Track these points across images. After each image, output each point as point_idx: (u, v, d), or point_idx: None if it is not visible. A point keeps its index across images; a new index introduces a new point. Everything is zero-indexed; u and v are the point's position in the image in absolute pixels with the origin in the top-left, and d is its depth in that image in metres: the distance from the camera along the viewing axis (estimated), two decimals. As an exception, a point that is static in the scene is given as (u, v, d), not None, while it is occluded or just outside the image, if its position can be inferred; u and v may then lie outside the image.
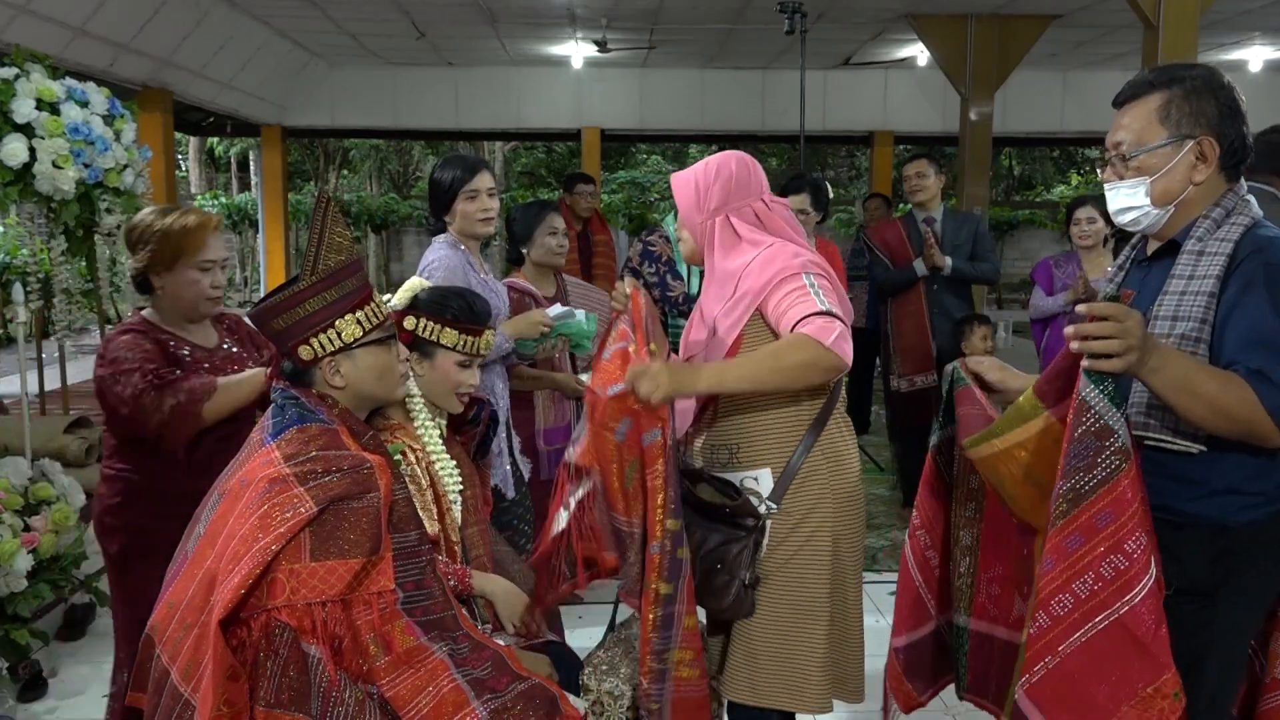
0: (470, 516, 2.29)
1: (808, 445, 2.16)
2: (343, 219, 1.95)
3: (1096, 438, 1.67)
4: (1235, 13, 8.55)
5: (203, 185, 22.22)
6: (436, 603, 1.84)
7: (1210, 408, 1.67)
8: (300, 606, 1.69)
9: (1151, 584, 1.68)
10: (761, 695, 2.15)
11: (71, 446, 4.23)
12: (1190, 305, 1.80)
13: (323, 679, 1.68)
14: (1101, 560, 1.68)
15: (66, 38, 7.11)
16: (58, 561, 3.40)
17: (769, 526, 2.15)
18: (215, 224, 2.46)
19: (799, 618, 2.15)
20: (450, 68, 12.00)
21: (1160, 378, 1.65)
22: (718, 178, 2.22)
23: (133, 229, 2.45)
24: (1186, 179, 1.85)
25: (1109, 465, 1.67)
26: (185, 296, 2.43)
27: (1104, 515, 1.68)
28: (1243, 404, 1.66)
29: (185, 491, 2.20)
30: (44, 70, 3.83)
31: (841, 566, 2.20)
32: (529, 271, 3.68)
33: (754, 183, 2.24)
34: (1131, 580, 1.67)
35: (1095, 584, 1.68)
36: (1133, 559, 1.67)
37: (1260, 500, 1.79)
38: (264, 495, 1.72)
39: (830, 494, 2.18)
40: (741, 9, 8.72)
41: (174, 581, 1.85)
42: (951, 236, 4.92)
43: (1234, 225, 1.82)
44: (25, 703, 3.22)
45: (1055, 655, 1.71)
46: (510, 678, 1.82)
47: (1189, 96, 1.84)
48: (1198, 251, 1.83)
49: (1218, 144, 1.83)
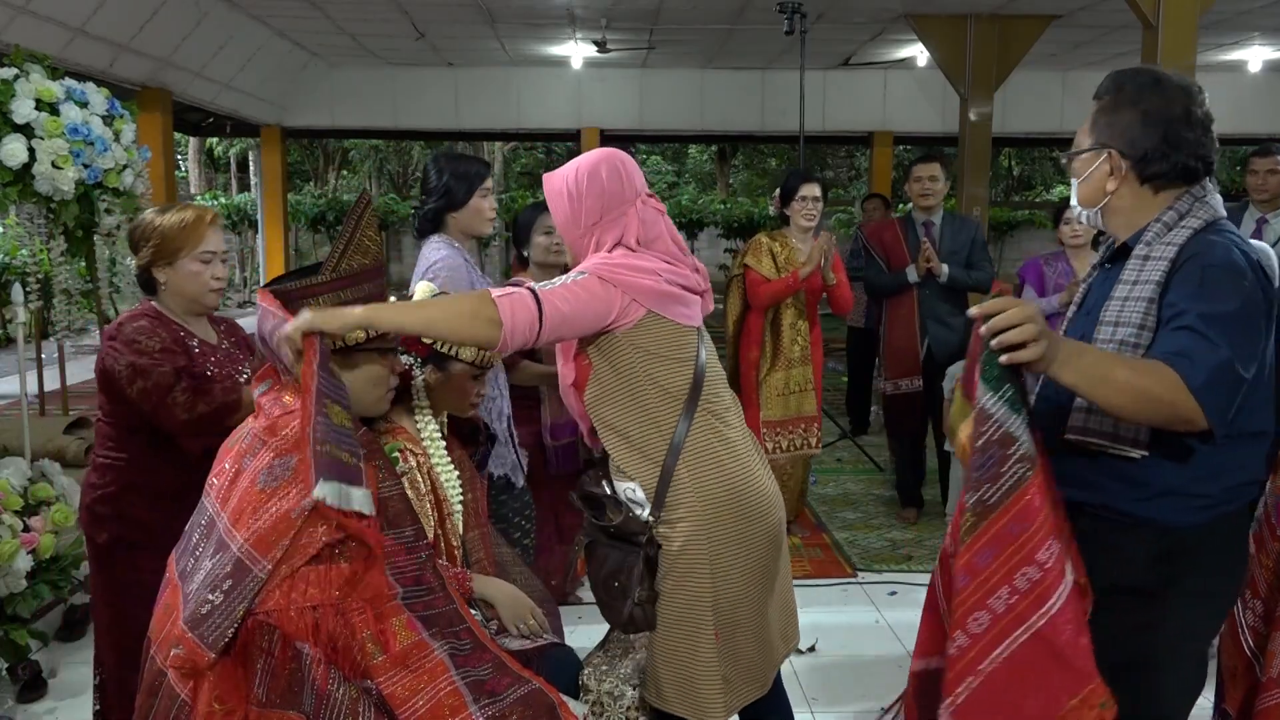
0: (471, 520, 2.29)
1: (673, 458, 2.07)
2: (376, 223, 1.95)
3: (1000, 446, 1.64)
4: (1235, 13, 8.56)
5: (202, 185, 22.22)
6: (437, 597, 1.84)
7: (1130, 394, 1.63)
8: (293, 611, 1.69)
9: (1068, 592, 1.64)
10: (665, 701, 2.12)
11: (71, 446, 4.23)
12: (1130, 311, 1.79)
13: (315, 677, 1.68)
14: (1015, 573, 1.63)
15: (66, 38, 7.11)
16: (57, 562, 3.40)
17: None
18: (212, 217, 2.51)
19: (683, 632, 2.08)
20: (450, 68, 12.00)
21: (1072, 370, 1.63)
22: (589, 190, 2.08)
23: (134, 229, 2.51)
24: (1101, 187, 1.86)
25: (1014, 474, 1.63)
26: (188, 289, 2.47)
27: (1013, 526, 1.63)
28: (1163, 385, 1.62)
29: (178, 484, 2.23)
30: (43, 70, 3.83)
31: (727, 579, 2.09)
32: (534, 272, 3.70)
33: (628, 187, 2.10)
34: (1046, 591, 1.63)
35: (1010, 598, 1.63)
36: (1046, 569, 1.63)
37: (1206, 503, 1.77)
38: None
39: (701, 505, 2.06)
40: (741, 9, 8.72)
41: (171, 584, 1.85)
42: (949, 242, 4.90)
43: (1183, 229, 1.80)
44: (25, 703, 3.22)
45: (977, 675, 1.66)
46: (510, 680, 1.82)
47: (1112, 107, 1.85)
48: (1144, 256, 1.81)
49: (1125, 158, 1.82)
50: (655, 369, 2.07)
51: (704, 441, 2.10)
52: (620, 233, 2.09)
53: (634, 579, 2.04)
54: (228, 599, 1.67)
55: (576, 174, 2.11)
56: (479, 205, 3.12)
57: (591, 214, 2.09)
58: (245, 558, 1.69)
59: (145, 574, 2.18)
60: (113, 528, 2.47)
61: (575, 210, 2.10)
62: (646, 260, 2.07)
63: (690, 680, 2.08)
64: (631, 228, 2.09)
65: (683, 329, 2.10)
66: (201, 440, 2.33)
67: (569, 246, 2.17)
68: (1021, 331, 1.58)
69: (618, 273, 2.02)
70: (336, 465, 1.63)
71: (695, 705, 2.08)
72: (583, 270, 2.04)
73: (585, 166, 2.11)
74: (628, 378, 2.08)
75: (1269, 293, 1.74)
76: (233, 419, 2.30)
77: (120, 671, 2.45)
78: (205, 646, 1.66)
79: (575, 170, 2.12)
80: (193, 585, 1.75)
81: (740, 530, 2.10)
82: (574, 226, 2.12)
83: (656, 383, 2.08)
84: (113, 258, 4.15)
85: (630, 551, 2.06)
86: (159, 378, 2.34)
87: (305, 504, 1.66)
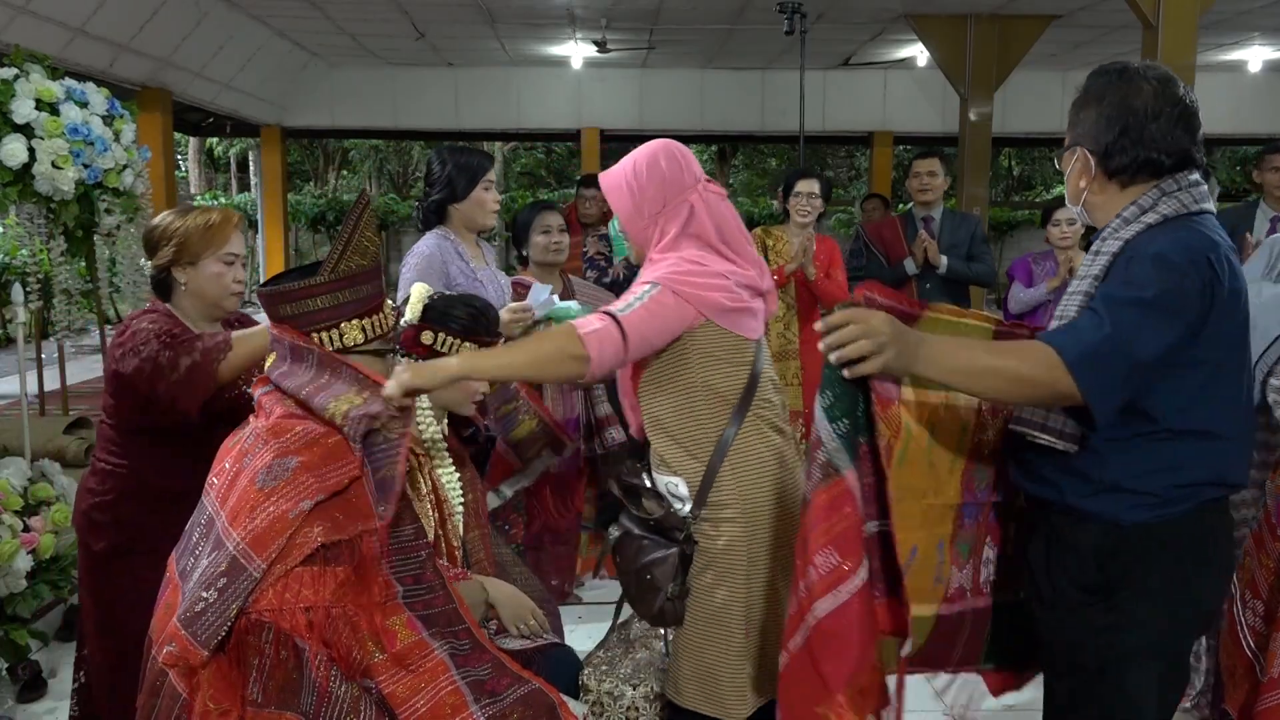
0: (472, 521, 2.29)
1: (718, 458, 2.09)
2: (375, 223, 1.95)
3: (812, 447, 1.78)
4: (1235, 13, 8.56)
5: (202, 185, 22.22)
6: (437, 596, 1.84)
7: (1001, 378, 1.67)
8: (286, 611, 1.70)
9: (816, 622, 1.77)
10: (685, 698, 2.13)
11: (71, 446, 4.22)
12: (1068, 304, 1.79)
13: (316, 675, 1.68)
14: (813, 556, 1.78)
15: (66, 38, 7.12)
16: (57, 562, 3.39)
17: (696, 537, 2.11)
18: (237, 220, 2.48)
19: (713, 630, 2.11)
20: (450, 68, 12.00)
21: (935, 367, 1.66)
22: (650, 180, 2.12)
23: (153, 230, 2.45)
24: (1076, 185, 1.87)
25: (818, 474, 1.77)
26: (210, 291, 2.43)
27: (815, 517, 1.77)
28: (1034, 364, 1.65)
29: (178, 490, 2.19)
30: (43, 70, 3.83)
31: (762, 581, 2.12)
32: (534, 272, 3.70)
33: (687, 175, 2.13)
34: (816, 596, 1.77)
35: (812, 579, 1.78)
36: (820, 573, 1.76)
37: (1152, 501, 1.74)
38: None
39: (744, 508, 2.09)
40: (741, 9, 8.72)
41: (171, 583, 1.85)
42: (949, 236, 4.92)
43: (1139, 224, 1.77)
44: (25, 703, 3.22)
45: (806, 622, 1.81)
46: (510, 680, 1.82)
47: (1079, 104, 1.86)
48: (1095, 251, 1.81)
49: (1091, 155, 1.82)
50: (711, 371, 2.10)
51: (751, 446, 2.12)
52: (683, 221, 2.11)
53: (667, 574, 2.06)
54: (221, 597, 1.67)
55: (635, 166, 2.13)
56: (481, 197, 3.12)
57: (654, 203, 2.11)
58: (240, 556, 1.69)
59: (140, 580, 2.16)
60: (110, 535, 2.43)
61: (638, 202, 2.12)
62: (714, 261, 2.09)
63: (715, 678, 2.09)
64: (695, 214, 2.11)
65: (744, 339, 2.12)
66: (194, 399, 2.25)
67: (633, 240, 2.18)
68: (857, 347, 1.62)
69: (688, 284, 2.03)
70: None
71: (719, 702, 2.10)
72: (654, 282, 2.03)
73: (643, 158, 2.13)
74: (683, 375, 2.10)
75: (1214, 289, 1.69)
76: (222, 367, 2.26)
77: (112, 676, 2.42)
78: (198, 644, 1.66)
79: (634, 163, 2.14)
80: (190, 583, 1.75)
81: (779, 536, 2.12)
82: (638, 219, 2.14)
83: (710, 385, 2.10)
84: (113, 258, 4.15)
85: (666, 546, 2.08)
86: (144, 349, 2.28)
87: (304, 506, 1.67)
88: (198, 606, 1.68)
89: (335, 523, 1.72)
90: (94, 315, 4.73)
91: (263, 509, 1.70)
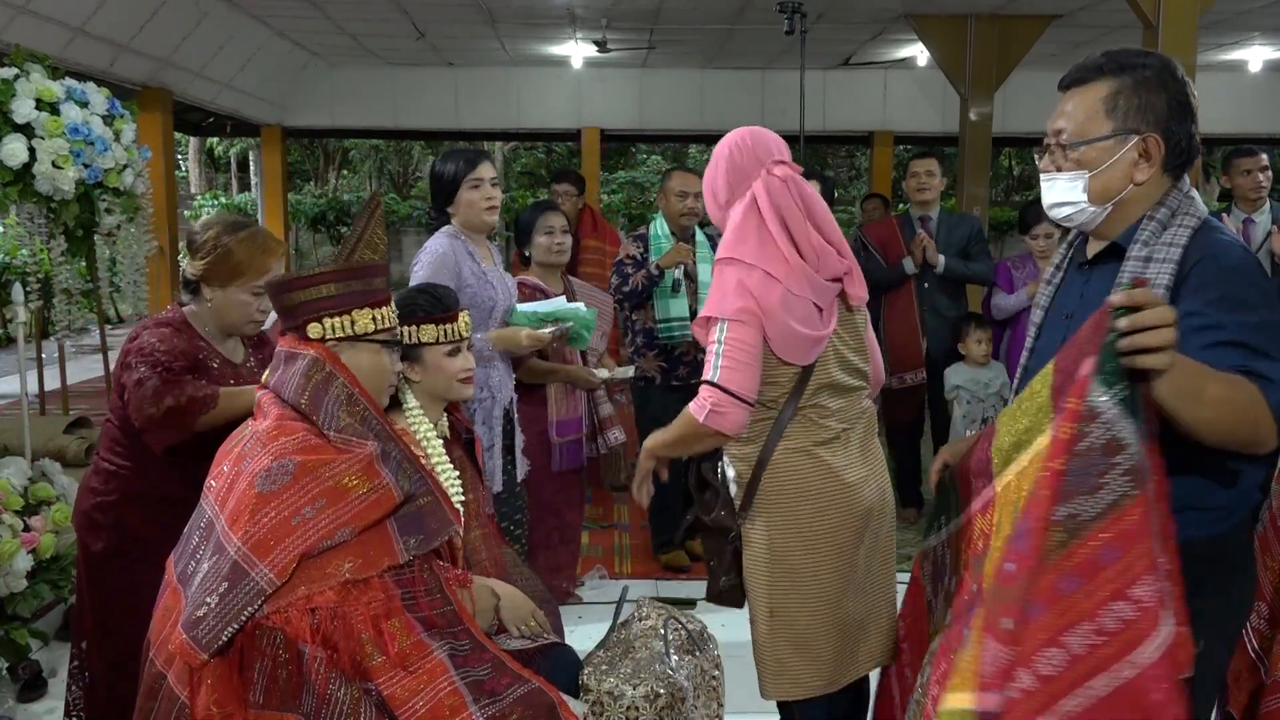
0: (473, 521, 2.29)
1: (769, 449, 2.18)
2: (384, 223, 2.01)
3: (1104, 453, 1.39)
4: (1235, 13, 8.57)
5: (203, 185, 22.22)
6: (436, 598, 1.84)
7: (1217, 413, 1.47)
8: (292, 613, 1.70)
9: (1166, 644, 1.34)
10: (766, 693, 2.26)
11: (71, 446, 4.22)
12: None
13: (316, 678, 1.68)
14: (1103, 607, 1.36)
15: (66, 38, 7.12)
16: (57, 561, 3.39)
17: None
18: (282, 253, 2.45)
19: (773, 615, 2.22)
20: (450, 68, 12.01)
21: (1169, 383, 1.42)
22: (722, 169, 2.25)
23: (198, 235, 2.41)
24: (1128, 177, 1.72)
25: (1117, 488, 1.37)
26: (231, 316, 2.42)
27: (1108, 551, 1.37)
28: (1252, 405, 1.49)
29: (179, 494, 2.18)
30: (44, 70, 3.83)
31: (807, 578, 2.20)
32: (536, 272, 3.70)
33: (750, 161, 2.23)
34: (1138, 635, 1.35)
35: (1095, 638, 1.36)
36: (1143, 608, 1.35)
37: (1220, 515, 1.67)
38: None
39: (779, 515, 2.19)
40: (741, 9, 8.72)
41: (170, 586, 1.85)
42: (947, 236, 4.92)
43: (1181, 228, 1.69)
44: (25, 703, 3.22)
45: None
46: (510, 679, 1.82)
47: (1139, 88, 1.70)
48: (1144, 257, 1.69)
49: (1164, 143, 1.70)
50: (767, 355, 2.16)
51: (789, 459, 2.19)
52: (746, 205, 2.20)
53: (723, 565, 2.26)
54: (223, 601, 1.67)
55: (715, 158, 2.28)
56: (469, 198, 3.06)
57: (723, 192, 2.26)
58: (242, 561, 1.69)
59: (138, 584, 2.16)
60: (109, 537, 2.42)
61: (714, 192, 2.29)
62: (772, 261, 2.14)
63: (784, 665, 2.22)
64: (757, 199, 2.19)
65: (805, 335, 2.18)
66: (164, 438, 2.27)
67: (716, 224, 2.35)
68: (1160, 335, 1.36)
69: (748, 309, 2.11)
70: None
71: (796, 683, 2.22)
72: (721, 317, 2.13)
73: (720, 149, 2.27)
74: None
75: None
76: (202, 419, 2.27)
77: (109, 676, 2.42)
78: (199, 648, 1.66)
79: (715, 154, 2.29)
80: (192, 587, 1.75)
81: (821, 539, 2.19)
82: (715, 207, 2.30)
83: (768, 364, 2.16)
84: (113, 257, 4.15)
85: (722, 541, 2.25)
86: (135, 372, 2.28)
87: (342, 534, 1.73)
88: (199, 611, 1.68)
89: (367, 559, 1.75)
90: (94, 315, 4.72)
91: (263, 513, 1.70)
